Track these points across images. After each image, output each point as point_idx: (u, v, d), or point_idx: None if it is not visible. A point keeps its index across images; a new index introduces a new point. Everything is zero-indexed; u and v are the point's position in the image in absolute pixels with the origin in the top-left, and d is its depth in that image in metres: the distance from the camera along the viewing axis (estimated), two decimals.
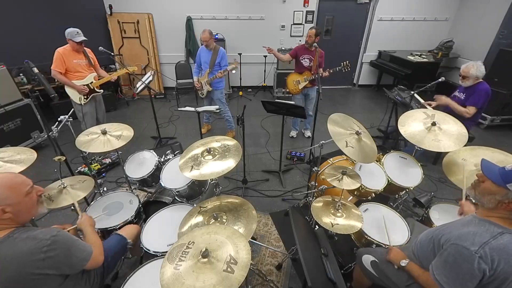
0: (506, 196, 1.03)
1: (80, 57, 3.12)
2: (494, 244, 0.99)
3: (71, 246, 1.13)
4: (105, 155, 3.30)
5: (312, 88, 3.55)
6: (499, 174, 1.07)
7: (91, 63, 3.23)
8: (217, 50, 3.47)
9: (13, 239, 1.03)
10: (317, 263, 1.34)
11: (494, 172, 1.09)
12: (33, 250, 1.01)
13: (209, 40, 3.36)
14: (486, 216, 1.10)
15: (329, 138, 1.86)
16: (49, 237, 1.06)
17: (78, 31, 2.98)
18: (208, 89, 3.62)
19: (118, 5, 5.00)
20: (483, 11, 4.95)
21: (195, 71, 3.73)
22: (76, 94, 3.11)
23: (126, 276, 1.34)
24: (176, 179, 1.95)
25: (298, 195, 2.82)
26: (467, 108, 2.78)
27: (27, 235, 1.05)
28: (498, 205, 1.06)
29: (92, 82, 3.20)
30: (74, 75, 3.08)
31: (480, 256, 0.98)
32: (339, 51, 5.68)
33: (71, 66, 3.04)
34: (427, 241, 1.25)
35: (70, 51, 3.02)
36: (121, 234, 1.62)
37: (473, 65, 2.70)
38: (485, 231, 1.03)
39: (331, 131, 1.81)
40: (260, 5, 5.27)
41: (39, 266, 1.02)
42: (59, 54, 2.95)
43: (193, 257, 1.10)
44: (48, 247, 1.03)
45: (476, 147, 1.87)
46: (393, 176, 2.06)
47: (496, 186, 1.06)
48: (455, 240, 1.06)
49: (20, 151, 1.74)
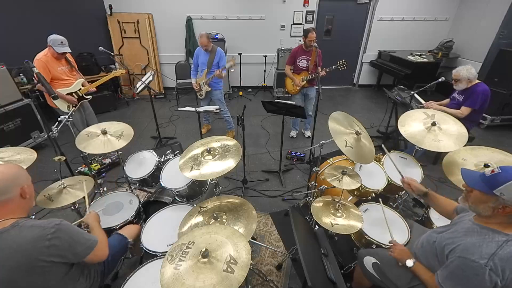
0: (498, 202, 1.01)
1: (63, 63, 2.90)
2: (502, 254, 0.97)
3: (75, 235, 1.15)
4: (105, 155, 3.29)
5: (311, 88, 3.55)
6: (482, 181, 1.05)
7: (73, 67, 3.00)
8: (214, 50, 3.47)
9: (18, 228, 1.05)
10: (317, 263, 1.34)
11: (477, 181, 1.07)
12: (38, 238, 1.04)
13: (207, 44, 3.41)
14: (486, 223, 1.08)
15: (329, 138, 1.86)
16: (53, 225, 1.09)
17: (63, 41, 2.74)
18: (207, 89, 3.61)
19: (118, 5, 5.00)
20: (483, 11, 4.95)
21: (192, 73, 3.72)
22: (64, 103, 2.90)
23: (126, 276, 1.34)
24: (176, 179, 1.95)
25: (298, 195, 2.82)
26: (461, 109, 2.80)
27: (32, 223, 1.08)
28: (494, 212, 1.04)
29: (80, 89, 2.99)
30: (60, 83, 2.84)
31: (491, 269, 0.96)
32: (339, 51, 5.67)
33: (56, 74, 2.80)
34: (430, 246, 1.24)
35: (52, 59, 2.76)
36: (121, 234, 1.62)
37: (462, 68, 2.75)
38: (490, 241, 1.01)
39: (332, 128, 1.80)
40: (260, 5, 5.27)
41: (44, 253, 1.04)
42: (42, 63, 2.66)
43: (193, 257, 1.10)
44: (52, 235, 1.06)
45: (476, 147, 1.87)
46: (393, 176, 2.06)
47: (485, 194, 1.04)
48: (462, 253, 1.04)
49: (20, 151, 1.74)
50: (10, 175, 1.09)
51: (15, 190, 1.09)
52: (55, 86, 2.78)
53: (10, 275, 1.01)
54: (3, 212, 1.07)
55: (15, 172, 1.12)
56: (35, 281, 1.06)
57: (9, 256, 1.01)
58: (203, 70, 3.54)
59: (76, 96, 2.99)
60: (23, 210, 1.15)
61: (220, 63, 3.49)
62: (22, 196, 1.12)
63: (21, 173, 1.15)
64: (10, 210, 1.09)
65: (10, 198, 1.08)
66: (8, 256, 1.01)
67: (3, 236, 1.03)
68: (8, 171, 1.10)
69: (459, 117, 2.74)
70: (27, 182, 1.15)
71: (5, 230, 1.04)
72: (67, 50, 2.80)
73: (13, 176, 1.10)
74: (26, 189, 1.13)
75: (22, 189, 1.12)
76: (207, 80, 3.52)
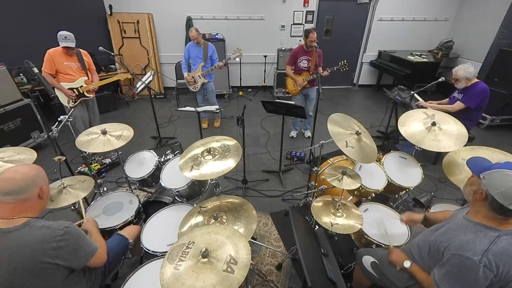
0: (479, 187, 1.06)
1: (72, 60, 3.05)
2: (495, 250, 0.99)
3: (81, 239, 1.17)
4: (105, 155, 3.30)
5: (312, 88, 3.55)
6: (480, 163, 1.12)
7: (84, 67, 3.14)
8: (206, 45, 3.76)
9: (29, 227, 1.07)
10: (317, 263, 1.34)
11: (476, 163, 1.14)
12: (47, 238, 1.06)
13: (198, 36, 3.65)
14: (478, 218, 1.09)
15: (329, 138, 1.86)
16: (62, 227, 1.11)
17: (66, 36, 2.88)
18: (204, 81, 3.82)
19: (118, 5, 5.00)
20: (483, 11, 4.95)
21: (184, 67, 3.87)
22: (64, 97, 3.07)
23: (126, 276, 1.34)
24: (176, 179, 1.95)
25: (298, 195, 2.82)
26: (454, 104, 2.86)
27: (42, 224, 1.10)
28: (474, 197, 1.08)
29: (82, 86, 3.12)
30: (64, 77, 3.02)
31: (485, 265, 0.98)
32: (339, 51, 5.68)
33: (62, 68, 2.98)
34: (425, 245, 1.25)
35: (61, 53, 2.96)
36: (122, 235, 1.63)
37: (460, 68, 2.78)
38: (483, 237, 1.03)
39: (331, 131, 1.81)
40: (260, 5, 5.27)
41: (50, 255, 1.06)
42: (49, 55, 2.91)
43: (193, 257, 1.10)
44: (61, 237, 1.08)
45: (476, 147, 1.87)
46: (393, 176, 2.06)
47: (476, 178, 1.10)
48: (456, 250, 1.05)
49: (20, 151, 1.74)
50: (31, 175, 1.12)
51: (34, 190, 1.12)
52: (59, 79, 3.02)
53: (15, 273, 1.02)
54: (19, 210, 1.09)
55: (36, 172, 1.15)
56: (37, 281, 1.07)
57: (17, 254, 1.02)
58: (197, 63, 3.77)
59: (76, 92, 3.09)
60: (38, 210, 1.17)
61: (212, 57, 3.80)
62: (39, 196, 1.14)
63: (41, 174, 1.18)
64: (26, 208, 1.11)
65: (29, 197, 1.10)
66: (16, 254, 1.02)
67: (14, 234, 1.04)
68: (30, 171, 1.13)
69: (450, 111, 2.76)
70: (45, 183, 1.18)
71: (17, 228, 1.05)
72: (69, 45, 2.92)
73: (34, 176, 1.13)
74: (44, 189, 1.16)
75: (41, 189, 1.14)
76: (204, 72, 3.75)
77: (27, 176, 1.10)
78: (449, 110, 2.79)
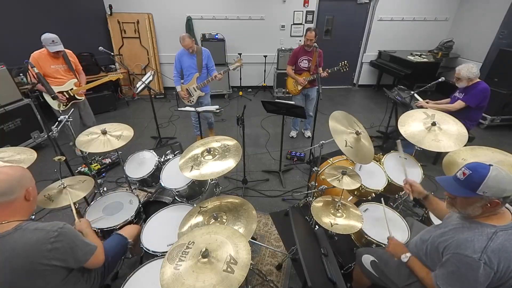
0: (484, 201, 1.03)
1: (59, 62, 2.92)
2: (493, 246, 0.99)
3: (76, 239, 1.16)
4: (105, 155, 3.30)
5: (312, 88, 3.55)
6: (462, 187, 1.07)
7: (71, 68, 3.01)
8: (200, 51, 3.20)
9: (22, 231, 1.05)
10: (317, 263, 1.34)
11: (456, 187, 1.08)
12: (41, 241, 1.04)
13: (193, 45, 3.13)
14: (474, 217, 1.10)
15: (329, 138, 1.86)
16: (56, 228, 1.09)
17: (54, 39, 2.75)
18: (200, 94, 3.34)
19: (118, 5, 5.00)
20: (483, 11, 4.95)
21: (176, 80, 3.32)
22: (54, 101, 2.92)
23: (126, 276, 1.34)
24: (176, 179, 1.95)
25: (298, 195, 2.82)
26: (455, 103, 2.85)
27: (35, 226, 1.08)
28: (484, 209, 1.06)
29: (72, 89, 3.00)
30: (53, 80, 2.87)
31: (485, 263, 0.98)
32: (339, 51, 5.68)
33: (49, 71, 2.85)
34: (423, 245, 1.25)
35: (47, 56, 2.82)
36: (121, 234, 1.62)
37: (464, 67, 2.77)
38: (480, 235, 1.03)
39: (332, 128, 1.80)
40: (260, 5, 5.27)
41: (46, 257, 1.05)
42: (33, 59, 2.74)
43: (193, 257, 1.10)
44: (55, 238, 1.06)
45: (476, 147, 1.87)
46: (393, 176, 2.06)
47: (470, 198, 1.06)
48: (456, 250, 1.06)
49: (20, 151, 1.74)
50: (15, 176, 1.09)
51: (20, 192, 1.09)
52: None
53: (12, 278, 1.01)
54: (5, 213, 1.07)
55: (21, 174, 1.12)
56: (36, 283, 1.06)
57: (11, 259, 1.00)
58: (191, 74, 3.26)
59: (66, 96, 3.00)
60: (26, 213, 1.14)
61: (208, 64, 3.28)
62: (26, 198, 1.12)
63: (26, 175, 1.15)
64: (13, 212, 1.08)
65: (15, 199, 1.08)
66: (10, 258, 1.00)
67: (6, 239, 1.02)
68: (14, 172, 1.10)
69: (450, 110, 2.77)
70: (31, 184, 1.15)
71: (9, 233, 1.03)
72: (59, 49, 2.81)
73: (19, 178, 1.10)
74: (31, 191, 1.14)
75: (27, 191, 1.12)
76: (200, 84, 3.26)
77: (11, 178, 1.07)
78: (449, 109, 2.80)
